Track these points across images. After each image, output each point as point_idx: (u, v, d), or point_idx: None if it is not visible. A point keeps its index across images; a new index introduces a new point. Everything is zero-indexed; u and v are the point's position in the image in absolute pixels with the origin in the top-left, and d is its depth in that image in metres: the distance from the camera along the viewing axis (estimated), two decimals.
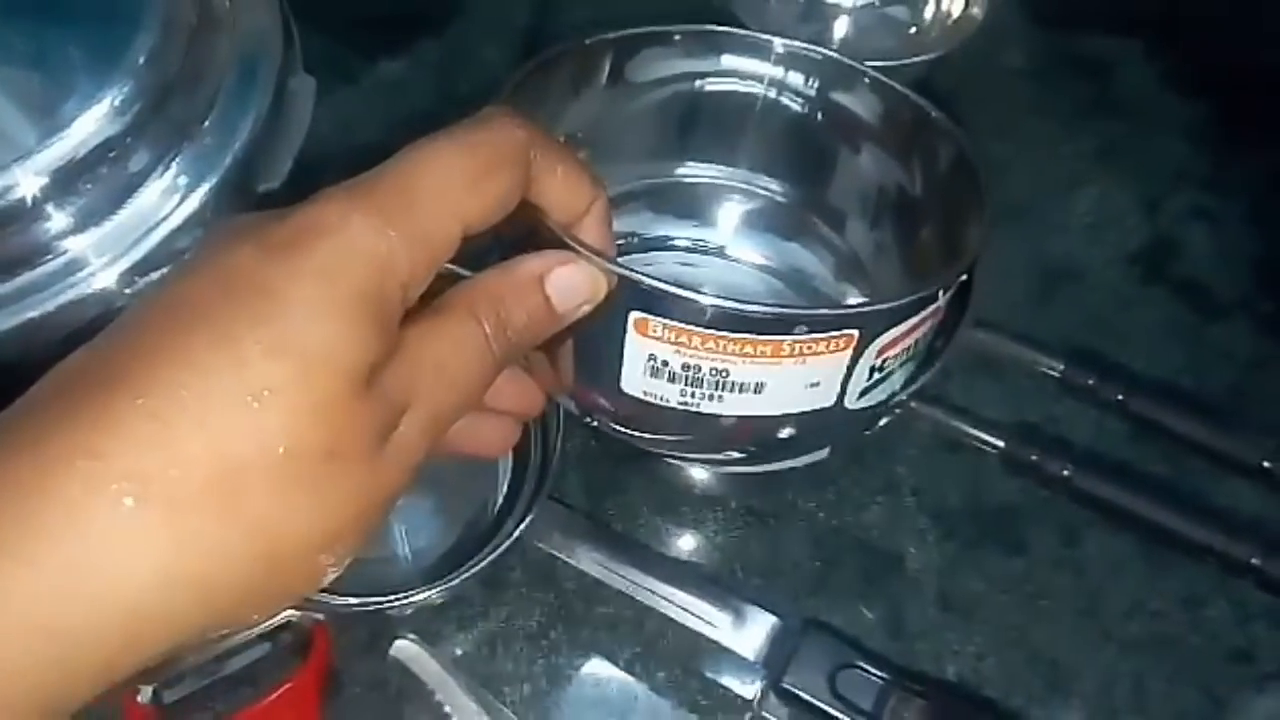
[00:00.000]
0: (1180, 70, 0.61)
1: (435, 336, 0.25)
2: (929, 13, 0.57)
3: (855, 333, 0.31)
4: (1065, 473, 0.42)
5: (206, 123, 0.45)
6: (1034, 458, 0.42)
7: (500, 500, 0.44)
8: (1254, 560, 0.39)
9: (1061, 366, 0.44)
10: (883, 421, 0.44)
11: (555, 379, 0.33)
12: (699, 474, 0.47)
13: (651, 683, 0.43)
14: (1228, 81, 0.60)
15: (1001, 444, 0.43)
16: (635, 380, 0.32)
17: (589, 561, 0.41)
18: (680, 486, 0.47)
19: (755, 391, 0.32)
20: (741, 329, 0.30)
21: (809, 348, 0.31)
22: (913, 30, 0.57)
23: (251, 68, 0.46)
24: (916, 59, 0.52)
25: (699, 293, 0.29)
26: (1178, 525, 0.40)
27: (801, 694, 0.39)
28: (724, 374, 0.31)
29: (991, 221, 0.37)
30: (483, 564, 0.40)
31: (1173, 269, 0.54)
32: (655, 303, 0.29)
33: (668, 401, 0.32)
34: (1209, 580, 0.44)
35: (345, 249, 0.23)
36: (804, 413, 0.33)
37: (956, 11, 0.56)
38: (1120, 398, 0.44)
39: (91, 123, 0.40)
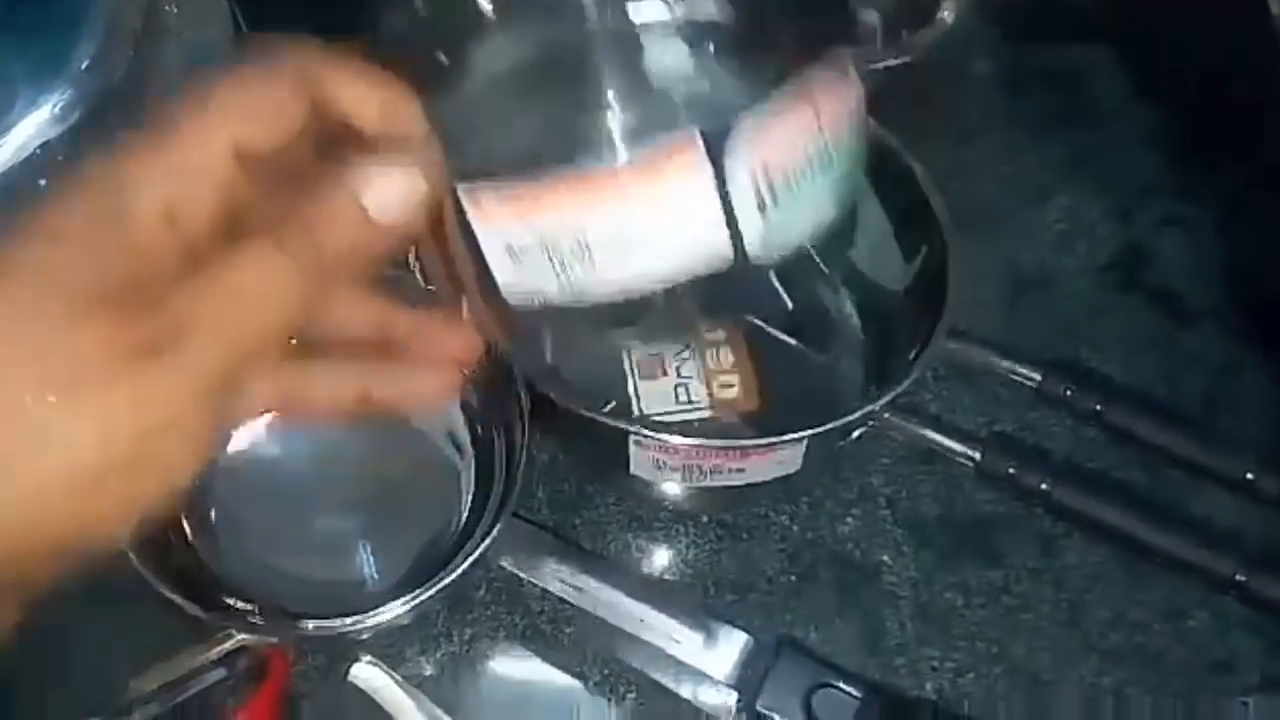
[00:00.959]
0: (1150, 79, 0.61)
1: (238, 263, 0.24)
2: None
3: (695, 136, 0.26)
4: (1043, 485, 0.41)
5: None
6: (1010, 470, 0.41)
7: (464, 517, 0.43)
8: (1238, 576, 0.39)
9: (1039, 376, 0.44)
10: (856, 434, 0.43)
11: (454, 291, 0.30)
12: (670, 488, 0.46)
13: (622, 705, 0.41)
14: (1197, 91, 0.60)
15: (977, 456, 0.42)
16: (504, 274, 0.28)
17: (555, 580, 0.40)
18: (650, 501, 0.46)
19: (622, 250, 0.27)
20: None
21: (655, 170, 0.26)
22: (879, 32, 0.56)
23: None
24: (882, 64, 0.52)
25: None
26: (1159, 540, 0.39)
27: (776, 716, 0.38)
28: (583, 232, 0.27)
29: None
30: (444, 584, 0.38)
31: (1145, 277, 0.54)
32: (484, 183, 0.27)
33: (548, 289, 0.28)
34: (1190, 591, 0.43)
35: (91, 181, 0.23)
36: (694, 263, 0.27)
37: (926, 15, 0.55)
38: (1098, 407, 0.43)
39: (31, 128, 0.38)
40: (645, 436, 0.39)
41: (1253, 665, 0.42)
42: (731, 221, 0.26)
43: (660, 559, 0.45)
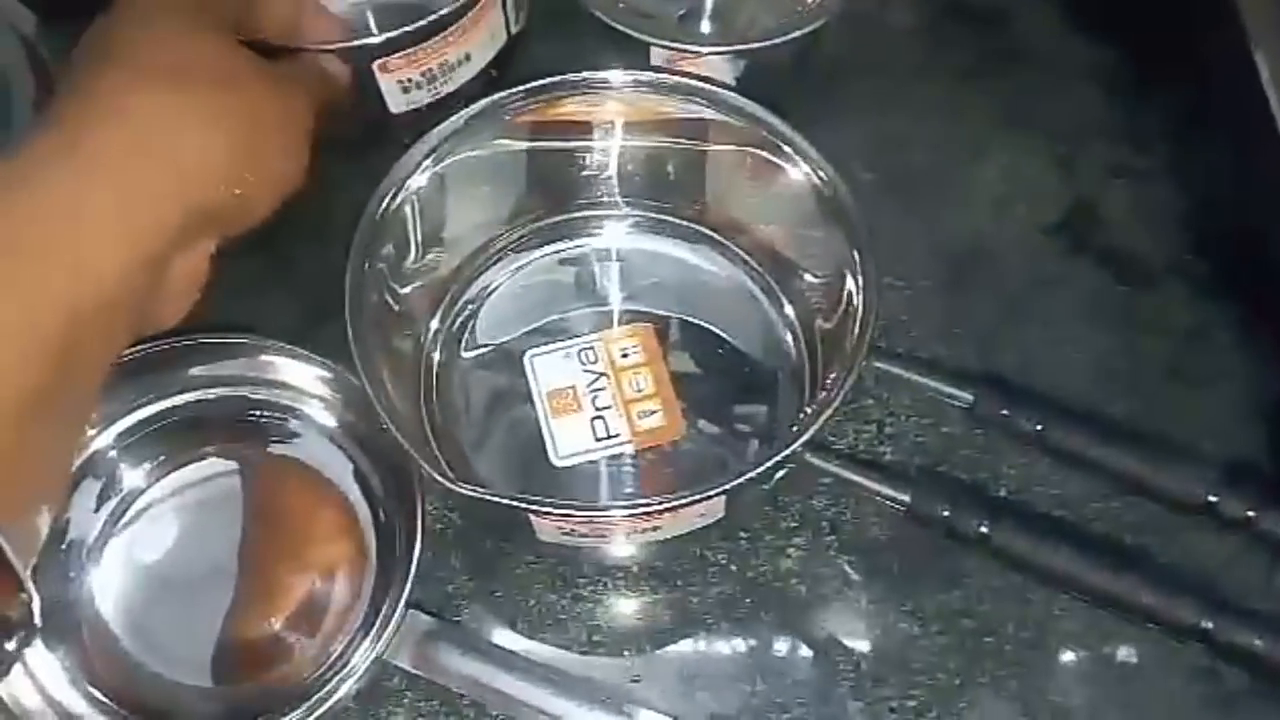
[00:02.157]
0: (1082, 9, 0.56)
1: None
2: None
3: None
4: (982, 529, 0.37)
5: None
6: (945, 513, 0.37)
7: (364, 611, 0.39)
8: (1203, 623, 0.35)
9: (971, 397, 0.39)
10: (780, 475, 0.39)
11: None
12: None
13: None
14: (1132, 18, 0.55)
15: (907, 499, 0.38)
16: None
17: (458, 678, 0.36)
18: (571, 558, 0.42)
19: None
20: None
21: None
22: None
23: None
24: (800, 32, 0.47)
25: None
26: (1111, 586, 0.35)
27: None
28: None
29: None
30: (338, 695, 0.34)
31: (1094, 237, 0.49)
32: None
33: None
34: None
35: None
36: None
37: None
38: (1039, 428, 0.38)
39: None
40: (542, 511, 0.35)
41: (1238, 672, 0.39)
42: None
43: (590, 617, 0.41)
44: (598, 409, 0.45)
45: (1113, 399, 0.44)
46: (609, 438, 0.44)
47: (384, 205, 0.41)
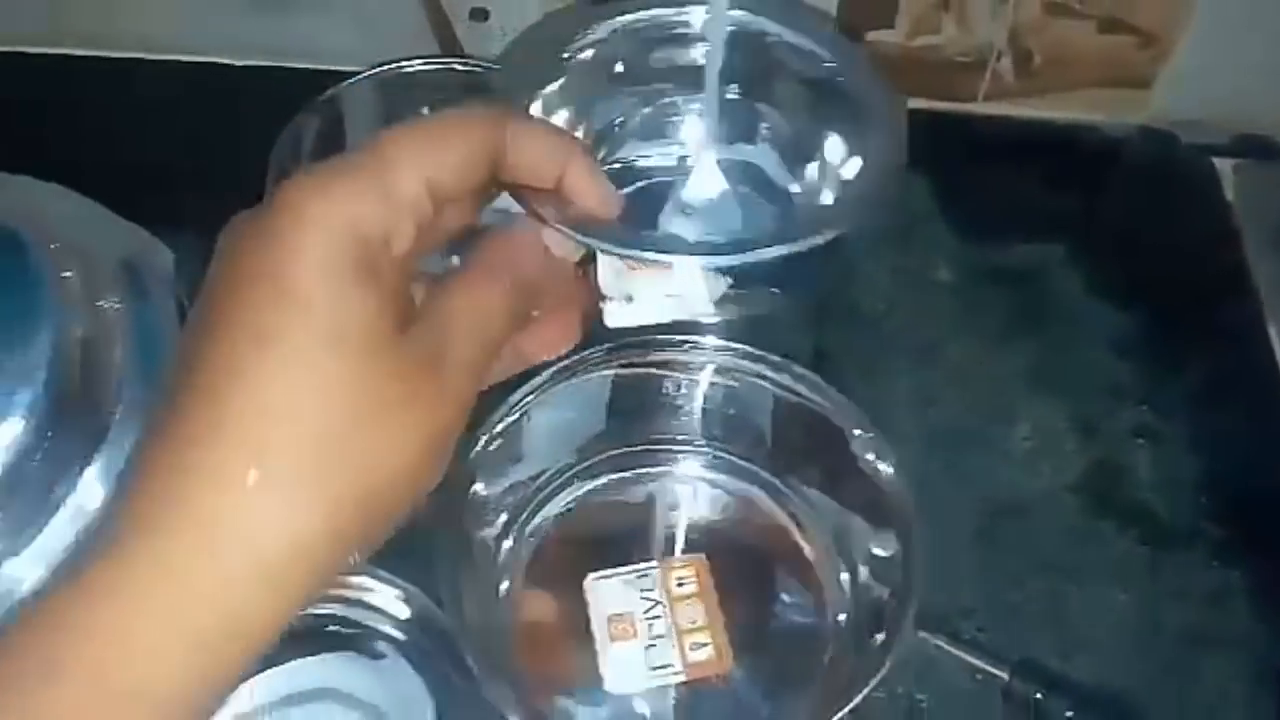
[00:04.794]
0: (1105, 277, 0.61)
1: (461, 294, 0.29)
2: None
3: None
4: None
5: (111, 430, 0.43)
6: None
7: None
8: None
9: (1005, 676, 0.42)
10: None
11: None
12: None
13: None
14: (1153, 289, 0.60)
15: None
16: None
17: None
18: None
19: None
20: None
21: None
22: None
23: (149, 365, 0.45)
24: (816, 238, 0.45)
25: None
26: None
27: None
28: None
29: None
30: None
31: (1118, 496, 0.53)
32: None
33: None
34: None
35: (323, 224, 0.26)
36: None
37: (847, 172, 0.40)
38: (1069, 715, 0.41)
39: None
40: None
41: None
42: None
43: None
44: (652, 637, 0.48)
45: (1133, 664, 0.47)
46: (661, 668, 0.47)
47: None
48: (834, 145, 0.38)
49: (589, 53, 0.38)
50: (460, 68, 0.58)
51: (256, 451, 0.25)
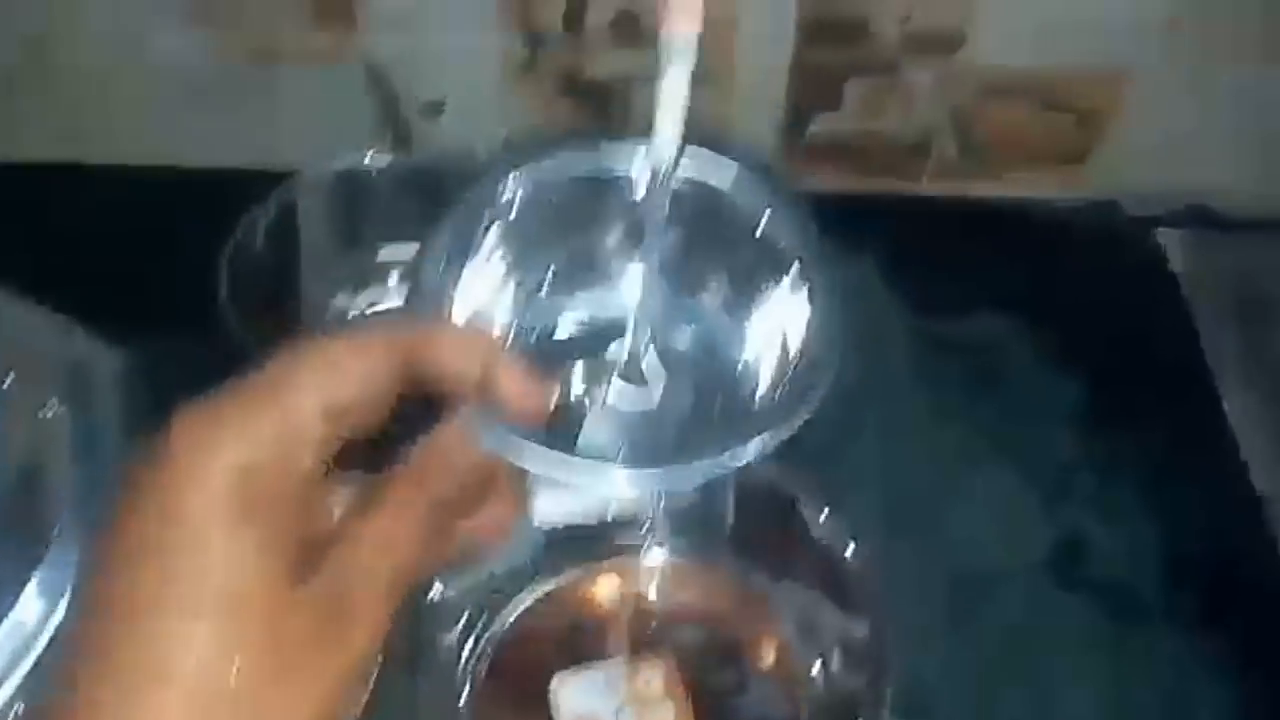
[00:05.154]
0: (1059, 350, 0.61)
1: (375, 514, 0.27)
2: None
3: None
4: None
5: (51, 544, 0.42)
6: None
7: None
8: None
9: None
10: None
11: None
12: None
13: None
14: (1106, 359, 0.61)
15: None
16: None
17: None
18: None
19: None
20: None
21: None
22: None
23: (93, 476, 0.44)
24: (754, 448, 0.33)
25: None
26: None
27: None
28: None
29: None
30: None
31: (1085, 571, 0.53)
32: None
33: None
34: None
35: (210, 472, 0.25)
36: None
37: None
38: None
39: None
40: None
41: None
42: None
43: None
44: None
45: None
46: None
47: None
48: (775, 302, 0.36)
49: (515, 210, 0.36)
50: (415, 161, 0.59)
51: (154, 713, 0.24)
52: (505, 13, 0.61)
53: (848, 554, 0.46)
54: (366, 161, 0.58)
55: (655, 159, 0.33)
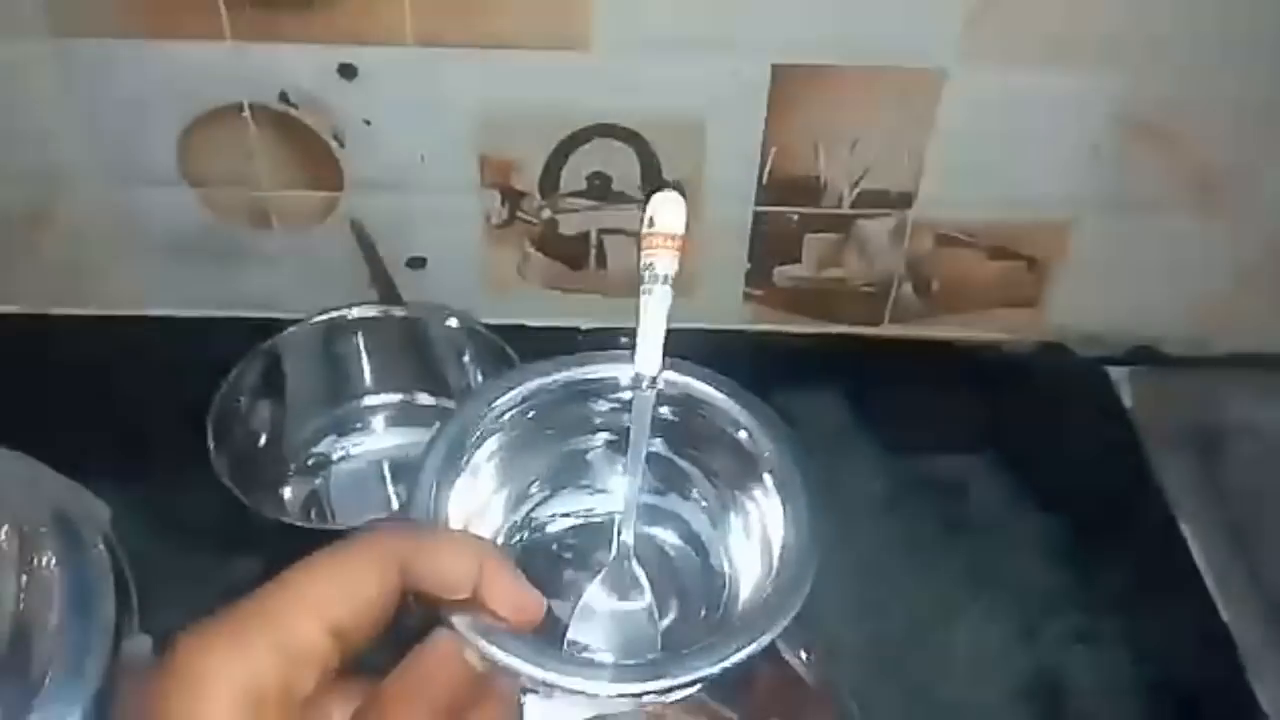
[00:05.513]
0: (1024, 485, 0.64)
1: None
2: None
3: None
4: None
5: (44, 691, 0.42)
6: None
7: None
8: None
9: None
10: None
11: None
12: None
13: None
14: (1068, 494, 0.63)
15: None
16: None
17: None
18: None
19: None
20: None
21: None
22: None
23: (85, 625, 0.44)
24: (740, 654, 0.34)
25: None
26: None
27: None
28: None
29: None
30: None
31: (1064, 706, 0.53)
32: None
33: None
34: None
35: (220, 689, 0.26)
36: None
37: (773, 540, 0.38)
38: None
39: None
40: None
41: None
42: None
43: None
44: None
45: None
46: None
47: None
48: (751, 503, 0.39)
49: (514, 412, 0.39)
50: (397, 313, 0.61)
51: None
52: (486, 175, 0.64)
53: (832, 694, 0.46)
54: (353, 313, 0.60)
55: (640, 370, 0.38)
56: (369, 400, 0.61)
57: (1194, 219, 0.66)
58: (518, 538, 0.40)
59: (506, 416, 0.39)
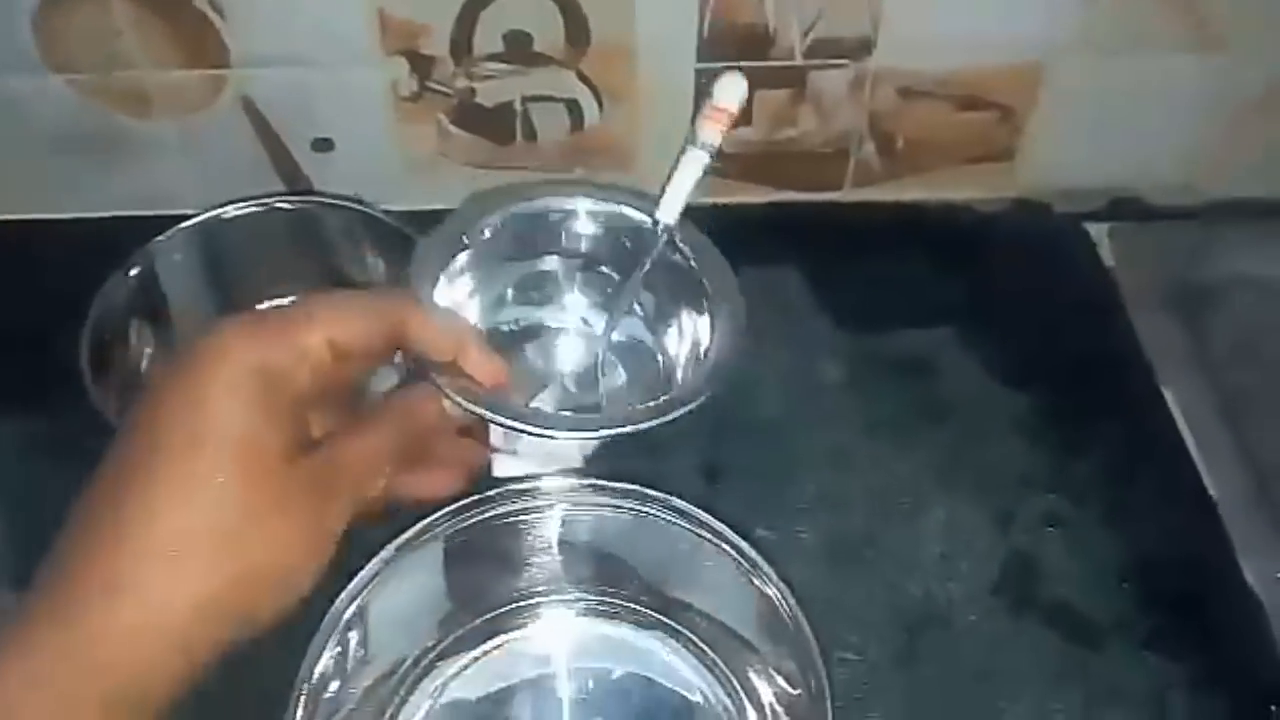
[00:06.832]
0: (997, 358, 0.59)
1: (352, 440, 0.36)
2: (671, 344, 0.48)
3: None
4: None
5: None
6: None
7: None
8: None
9: None
10: None
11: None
12: None
13: None
14: (1045, 365, 0.58)
15: None
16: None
17: None
18: None
19: None
20: None
21: None
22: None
23: None
24: (675, 412, 0.41)
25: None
26: None
27: None
28: None
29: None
30: None
31: (1038, 593, 0.50)
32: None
33: None
34: None
35: (235, 364, 0.33)
36: None
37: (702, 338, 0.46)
38: None
39: None
40: None
41: None
42: None
43: None
44: None
45: None
46: None
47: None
48: (688, 318, 0.46)
49: (489, 232, 0.46)
50: (285, 205, 0.54)
51: (163, 527, 0.31)
52: (388, 40, 0.57)
53: (776, 596, 0.42)
54: (231, 212, 0.53)
55: (659, 217, 0.46)
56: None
57: (1186, 55, 0.59)
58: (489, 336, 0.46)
59: (485, 234, 0.46)
